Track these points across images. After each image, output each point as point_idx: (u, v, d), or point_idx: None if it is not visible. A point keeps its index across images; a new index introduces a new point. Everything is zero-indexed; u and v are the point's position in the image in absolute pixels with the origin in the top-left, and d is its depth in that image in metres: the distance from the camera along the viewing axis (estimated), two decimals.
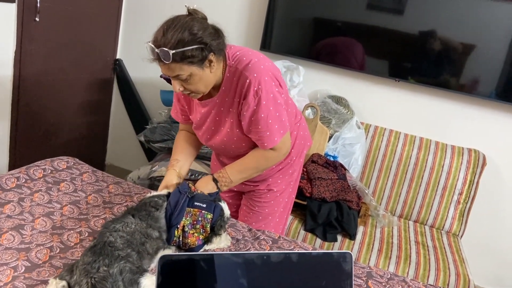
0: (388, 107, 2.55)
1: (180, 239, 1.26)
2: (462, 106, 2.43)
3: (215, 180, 1.43)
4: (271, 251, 0.89)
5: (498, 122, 2.39)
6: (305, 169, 2.25)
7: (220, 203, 1.33)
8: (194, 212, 1.27)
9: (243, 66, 1.32)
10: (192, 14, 1.27)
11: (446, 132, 2.47)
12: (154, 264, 1.21)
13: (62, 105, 2.71)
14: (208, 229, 1.29)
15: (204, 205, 1.29)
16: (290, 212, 1.76)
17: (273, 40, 2.60)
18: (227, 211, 1.36)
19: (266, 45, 2.60)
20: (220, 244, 1.34)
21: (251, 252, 0.67)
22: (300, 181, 2.16)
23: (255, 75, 1.31)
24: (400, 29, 2.38)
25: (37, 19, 2.32)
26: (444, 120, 2.47)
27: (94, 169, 1.79)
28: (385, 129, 2.49)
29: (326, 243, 2.05)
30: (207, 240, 1.31)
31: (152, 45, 1.23)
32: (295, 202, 2.15)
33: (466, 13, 2.26)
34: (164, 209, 1.25)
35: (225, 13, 2.74)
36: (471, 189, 2.33)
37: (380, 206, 2.34)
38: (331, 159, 2.35)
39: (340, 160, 2.37)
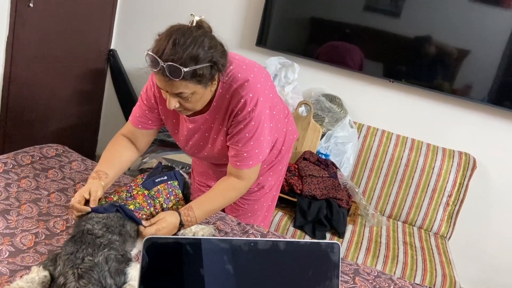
0: (381, 107, 2.55)
1: None
2: (455, 109, 2.44)
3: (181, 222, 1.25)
4: (259, 238, 0.88)
5: (489, 126, 2.40)
6: (296, 166, 2.25)
7: (176, 168, 1.36)
8: (162, 187, 1.27)
9: (239, 85, 1.26)
10: (202, 26, 1.18)
11: (437, 135, 2.48)
12: (137, 250, 1.20)
13: (54, 93, 2.67)
14: (180, 194, 1.30)
15: (165, 177, 1.29)
16: (276, 202, 1.75)
17: (269, 36, 2.59)
18: (185, 176, 1.38)
19: (262, 41, 2.60)
20: (204, 230, 1.34)
21: (239, 238, 0.66)
22: (291, 178, 2.16)
23: (251, 95, 1.25)
24: (396, 32, 2.39)
25: (31, 5, 2.29)
26: (436, 122, 2.48)
27: (84, 157, 1.77)
28: (377, 129, 2.50)
29: None
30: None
31: (157, 57, 1.11)
32: (285, 199, 2.16)
33: (461, 18, 2.27)
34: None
35: (222, 8, 2.72)
36: (460, 192, 2.35)
37: (370, 205, 2.35)
38: (323, 157, 2.35)
39: (332, 158, 2.37)
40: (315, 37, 2.55)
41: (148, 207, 1.24)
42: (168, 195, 1.28)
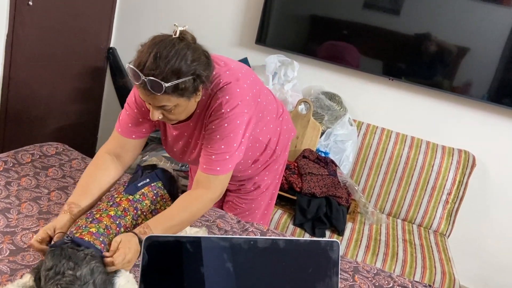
0: (381, 105, 2.55)
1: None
2: (454, 107, 2.44)
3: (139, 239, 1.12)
4: (258, 237, 0.88)
5: (489, 124, 2.40)
6: (296, 164, 2.25)
7: (157, 168, 1.31)
8: (146, 190, 1.23)
9: (219, 88, 1.23)
10: (185, 37, 1.14)
11: (437, 132, 2.48)
12: None
13: (53, 92, 2.67)
14: (166, 194, 1.26)
15: (148, 180, 1.24)
16: (275, 200, 1.75)
17: (269, 34, 2.59)
18: (171, 171, 1.34)
19: (261, 39, 2.60)
20: (198, 233, 1.33)
21: (238, 236, 0.66)
22: (290, 176, 2.16)
23: (227, 97, 1.22)
24: (396, 29, 2.38)
25: (30, 3, 2.29)
26: (435, 120, 2.48)
27: (84, 156, 1.77)
28: (377, 127, 2.50)
29: (314, 238, 2.05)
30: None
31: (137, 70, 1.09)
32: (285, 197, 2.16)
33: (461, 16, 2.27)
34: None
35: (221, 5, 2.72)
36: (459, 190, 2.35)
37: (369, 203, 2.36)
38: (323, 155, 2.36)
39: (332, 156, 2.37)
40: (315, 35, 2.55)
41: (134, 211, 1.18)
42: (154, 197, 1.23)
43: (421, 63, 2.40)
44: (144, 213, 1.20)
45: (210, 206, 1.26)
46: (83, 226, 1.08)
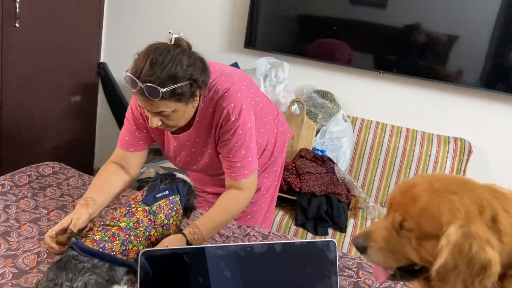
0: (374, 99, 2.56)
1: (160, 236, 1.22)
2: (447, 95, 2.45)
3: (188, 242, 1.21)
4: (254, 242, 0.89)
5: (482, 110, 2.41)
6: (293, 164, 2.26)
7: (178, 181, 1.28)
8: (164, 203, 1.23)
9: (219, 96, 1.26)
10: (180, 44, 1.17)
11: (431, 122, 2.49)
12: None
13: (47, 111, 2.68)
14: (181, 210, 1.27)
15: (167, 192, 1.25)
16: (275, 202, 1.76)
17: (257, 37, 2.60)
18: (190, 182, 1.33)
19: (250, 43, 2.60)
20: None
21: (234, 244, 0.67)
22: (289, 176, 2.17)
23: (232, 104, 1.26)
24: (384, 22, 2.39)
25: (17, 25, 2.29)
26: (429, 110, 2.49)
27: (81, 173, 1.77)
28: (371, 121, 2.51)
29: (318, 237, 2.05)
30: (186, 216, 1.31)
31: (134, 78, 1.11)
32: (285, 198, 2.16)
33: (448, 4, 2.28)
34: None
35: (208, 10, 2.73)
36: None
37: (370, 198, 2.36)
38: (319, 153, 2.36)
39: (328, 154, 2.38)
40: (303, 35, 2.55)
41: (149, 223, 1.18)
42: (170, 211, 1.23)
43: (411, 54, 2.41)
44: (156, 226, 1.20)
45: (247, 204, 1.38)
46: (107, 238, 1.11)
